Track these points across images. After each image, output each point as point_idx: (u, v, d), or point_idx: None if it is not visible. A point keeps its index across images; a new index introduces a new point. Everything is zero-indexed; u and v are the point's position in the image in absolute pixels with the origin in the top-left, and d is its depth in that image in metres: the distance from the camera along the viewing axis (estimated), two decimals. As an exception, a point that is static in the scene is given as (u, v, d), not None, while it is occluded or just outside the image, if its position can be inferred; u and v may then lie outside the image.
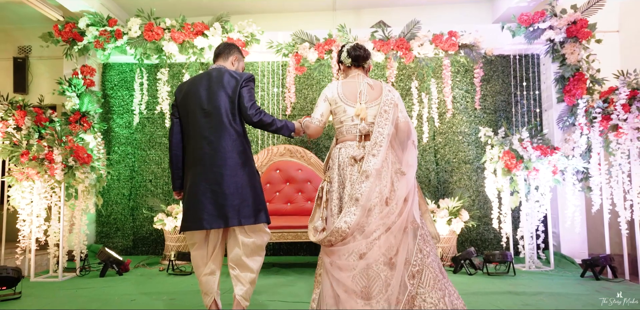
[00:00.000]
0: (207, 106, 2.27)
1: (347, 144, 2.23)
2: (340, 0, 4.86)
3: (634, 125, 3.32)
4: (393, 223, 2.01)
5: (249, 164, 2.30)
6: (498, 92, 4.66)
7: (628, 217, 3.44)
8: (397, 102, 2.24)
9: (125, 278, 3.59)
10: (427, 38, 4.21)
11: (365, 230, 2.01)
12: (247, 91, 2.26)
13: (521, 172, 3.79)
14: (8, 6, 4.70)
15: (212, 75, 2.32)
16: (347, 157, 2.18)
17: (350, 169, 2.16)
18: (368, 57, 2.36)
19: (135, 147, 4.74)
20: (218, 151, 2.23)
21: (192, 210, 2.23)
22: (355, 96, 2.25)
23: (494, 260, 3.64)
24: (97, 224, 4.66)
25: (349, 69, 2.38)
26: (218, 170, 2.22)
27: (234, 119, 2.27)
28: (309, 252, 4.60)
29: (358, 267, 1.93)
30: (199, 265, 2.31)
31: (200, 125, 2.27)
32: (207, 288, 2.29)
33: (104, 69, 4.79)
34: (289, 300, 2.84)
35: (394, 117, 2.20)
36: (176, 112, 2.37)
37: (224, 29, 4.27)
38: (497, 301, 2.81)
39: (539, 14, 4.10)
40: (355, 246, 1.98)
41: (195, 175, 2.25)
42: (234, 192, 2.21)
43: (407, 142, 2.22)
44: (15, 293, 2.96)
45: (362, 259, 1.94)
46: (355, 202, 2.05)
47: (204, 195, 2.21)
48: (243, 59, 2.52)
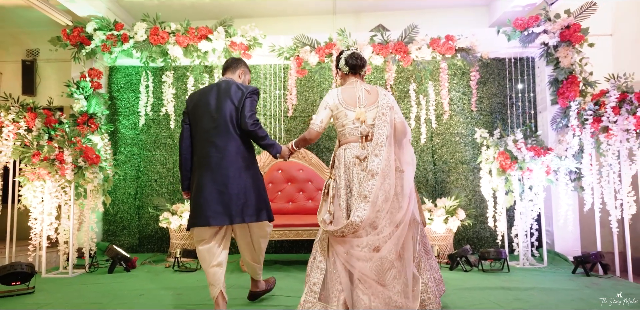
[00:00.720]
0: (215, 114, 2.48)
1: (350, 145, 2.43)
2: (341, 4, 4.98)
3: (623, 127, 3.44)
4: (401, 221, 2.25)
5: (252, 167, 2.52)
6: (494, 94, 4.78)
7: (618, 215, 3.56)
8: (393, 104, 2.45)
9: (133, 274, 3.72)
10: (425, 42, 4.34)
11: (376, 226, 2.25)
12: (249, 102, 2.48)
13: (515, 172, 3.91)
14: (16, 10, 4.83)
15: (221, 86, 2.54)
16: (352, 157, 2.39)
17: (356, 168, 2.36)
18: (364, 66, 2.55)
19: (141, 147, 4.87)
20: (224, 155, 2.43)
21: (200, 209, 2.41)
22: (355, 101, 2.45)
23: (489, 258, 3.77)
24: (104, 222, 4.80)
25: (346, 76, 2.57)
26: (224, 173, 2.42)
27: (239, 128, 2.48)
28: (310, 250, 4.71)
29: (374, 259, 2.19)
30: (205, 259, 2.47)
31: (208, 132, 2.47)
32: (215, 279, 2.45)
33: (111, 72, 4.92)
34: (291, 295, 2.97)
35: (391, 118, 2.41)
36: (187, 118, 2.58)
37: (227, 33, 4.39)
38: (490, 296, 2.93)
39: (534, 19, 4.23)
40: (369, 239, 2.23)
41: (203, 177, 2.44)
42: (238, 193, 2.42)
43: (404, 140, 2.44)
44: (28, 288, 3.10)
45: (377, 252, 2.21)
46: (364, 198, 2.26)
47: (210, 195, 2.40)
48: (249, 72, 2.74)
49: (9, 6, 4.73)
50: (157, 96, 4.80)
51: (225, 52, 4.42)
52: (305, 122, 4.81)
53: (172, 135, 4.86)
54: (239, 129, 2.48)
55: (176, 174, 4.83)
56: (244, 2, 4.83)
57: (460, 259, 3.84)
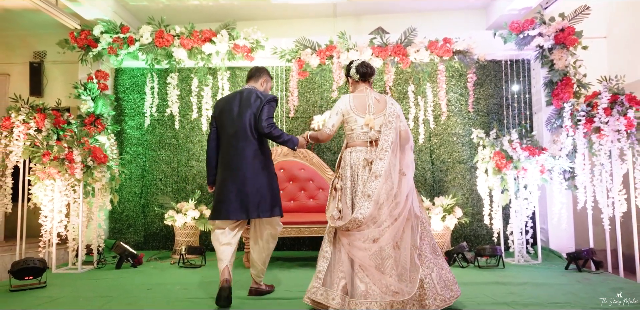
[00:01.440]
0: (236, 120, 2.81)
1: (357, 148, 2.66)
2: (341, 7, 5.09)
3: (614, 128, 3.55)
4: (399, 215, 2.48)
5: (268, 167, 2.84)
6: (490, 96, 4.90)
7: (610, 213, 3.67)
8: (399, 113, 2.67)
9: (140, 270, 3.84)
10: (423, 44, 4.45)
11: (377, 221, 2.48)
12: (267, 108, 2.78)
13: (511, 171, 4.02)
14: (25, 14, 4.95)
15: (243, 94, 2.87)
16: (357, 159, 2.62)
17: (362, 170, 2.59)
18: (373, 73, 2.79)
19: (146, 147, 4.99)
20: (243, 158, 2.76)
21: (221, 204, 2.77)
22: (365, 108, 2.67)
23: (485, 254, 3.88)
24: (110, 220, 4.92)
25: (357, 83, 2.80)
26: (243, 173, 2.75)
27: (257, 132, 2.79)
28: (311, 247, 4.85)
29: (373, 249, 2.43)
30: (218, 239, 2.80)
31: (230, 136, 2.81)
32: (224, 255, 2.76)
33: (117, 74, 5.04)
34: (293, 290, 3.09)
35: (397, 126, 2.63)
36: (214, 122, 2.92)
37: (230, 36, 4.51)
38: (485, 290, 3.06)
39: (529, 22, 4.34)
40: (370, 232, 2.46)
41: (225, 176, 2.80)
42: (255, 191, 2.74)
43: (406, 146, 2.66)
44: (40, 283, 3.22)
45: (375, 243, 2.45)
46: (368, 197, 2.49)
47: (231, 193, 2.74)
48: (271, 80, 3.02)
49: (18, 9, 4.85)
50: (162, 97, 4.92)
51: (228, 55, 4.53)
52: (306, 123, 4.92)
53: (177, 136, 4.98)
54: (257, 133, 2.78)
55: (180, 173, 4.95)
56: (247, 6, 4.95)
57: (457, 255, 3.96)
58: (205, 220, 4.38)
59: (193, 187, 4.88)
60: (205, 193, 4.81)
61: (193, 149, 4.97)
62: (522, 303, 2.74)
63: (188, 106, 4.90)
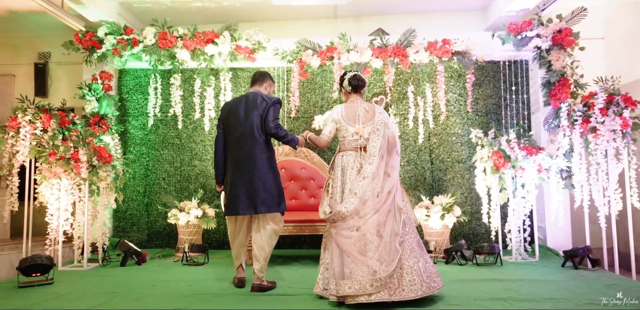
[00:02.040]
0: (243, 123, 3.01)
1: (347, 153, 2.95)
2: (341, 8, 5.15)
3: (610, 128, 3.62)
4: (380, 207, 2.76)
5: (273, 166, 3.07)
6: (489, 96, 4.96)
7: (606, 212, 3.73)
8: (386, 121, 2.93)
9: (144, 268, 3.92)
10: (423, 45, 4.52)
11: (360, 213, 2.76)
12: (272, 110, 3.02)
13: (508, 170, 4.08)
14: (29, 15, 5.02)
15: (249, 97, 3.07)
16: (347, 162, 2.89)
17: (350, 171, 2.87)
18: (364, 86, 3.03)
19: (150, 147, 5.07)
20: (250, 157, 2.98)
21: (232, 201, 3.01)
22: (355, 118, 2.94)
23: (483, 252, 3.95)
24: (114, 219, 4.99)
25: (349, 94, 3.06)
26: (251, 172, 2.97)
27: (263, 133, 3.01)
28: (312, 245, 4.91)
29: (355, 236, 2.71)
30: (234, 238, 3.15)
31: (237, 136, 3.02)
32: (238, 255, 3.16)
33: (120, 75, 5.11)
34: (293, 286, 3.17)
35: (385, 133, 2.89)
36: (221, 124, 3.13)
37: (232, 37, 4.57)
38: (482, 287, 3.12)
39: (527, 23, 4.40)
40: (354, 223, 2.74)
41: (234, 175, 3.02)
42: (262, 188, 2.97)
43: (393, 151, 2.93)
44: (47, 279, 3.29)
45: (358, 231, 2.72)
46: (354, 195, 2.78)
47: (240, 191, 2.98)
48: (274, 83, 3.21)
49: (23, 11, 4.92)
50: (165, 98, 4.99)
51: (230, 56, 4.60)
52: (307, 123, 4.99)
53: (180, 136, 5.06)
54: (264, 134, 3.00)
55: (183, 172, 5.02)
56: (249, 7, 5.02)
57: (455, 253, 4.02)
58: (208, 218, 4.45)
59: (196, 186, 4.95)
60: (208, 192, 4.88)
61: (196, 148, 5.04)
62: (518, 299, 2.80)
63: (191, 106, 4.98)
